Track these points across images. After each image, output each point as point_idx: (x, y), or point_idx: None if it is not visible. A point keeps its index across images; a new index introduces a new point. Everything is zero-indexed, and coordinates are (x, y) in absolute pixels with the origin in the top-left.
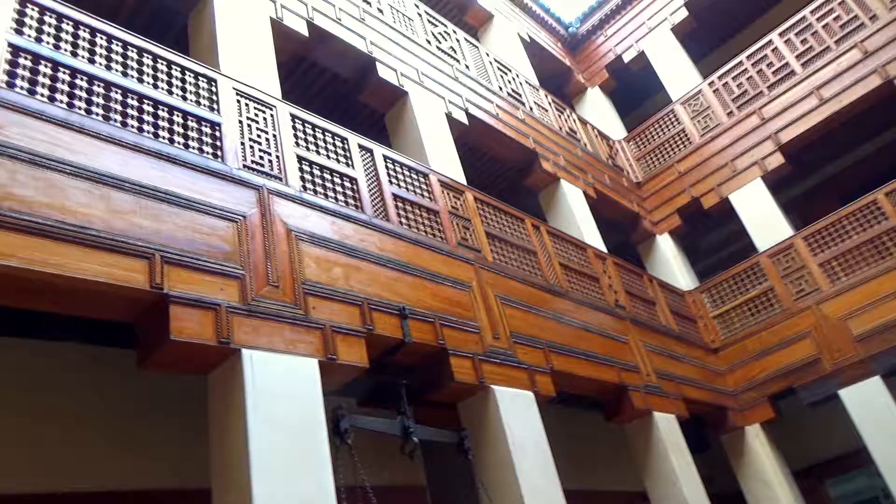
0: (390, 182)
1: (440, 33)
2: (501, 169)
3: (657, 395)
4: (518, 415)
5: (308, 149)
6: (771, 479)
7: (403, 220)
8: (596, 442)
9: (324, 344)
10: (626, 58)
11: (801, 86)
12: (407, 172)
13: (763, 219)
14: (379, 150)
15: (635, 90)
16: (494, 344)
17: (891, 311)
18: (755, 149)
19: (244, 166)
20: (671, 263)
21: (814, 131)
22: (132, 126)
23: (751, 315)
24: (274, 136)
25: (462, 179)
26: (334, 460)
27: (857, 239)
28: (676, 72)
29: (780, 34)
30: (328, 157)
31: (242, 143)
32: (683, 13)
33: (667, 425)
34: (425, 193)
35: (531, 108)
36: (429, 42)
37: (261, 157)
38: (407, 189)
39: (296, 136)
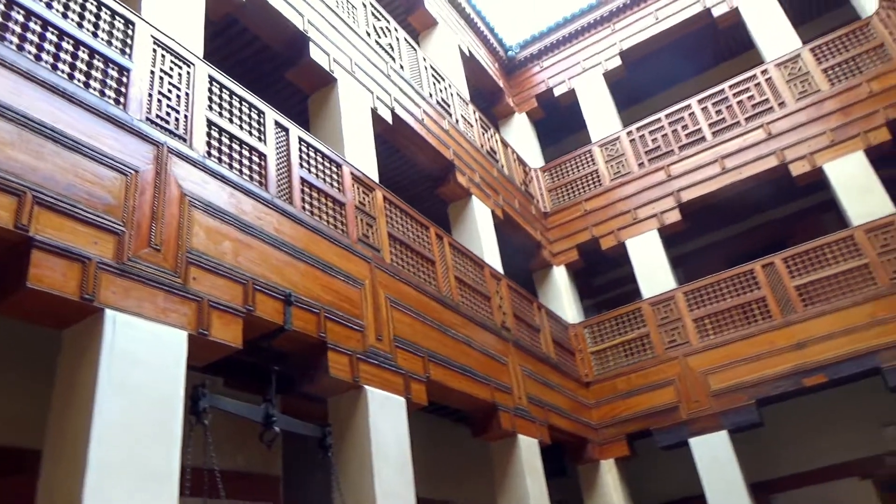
0: (301, 165)
1: (381, 28)
2: (416, 174)
3: (525, 419)
4: (386, 418)
5: (221, 115)
6: None
7: (307, 206)
8: (462, 455)
9: (198, 317)
10: (557, 91)
11: (709, 152)
12: (320, 159)
13: (652, 268)
14: (295, 131)
15: (559, 124)
16: (376, 345)
17: (745, 374)
18: (657, 202)
19: (147, 119)
20: (562, 295)
21: (712, 196)
22: (29, 53)
23: (625, 356)
24: (187, 94)
25: (375, 176)
26: (186, 438)
27: (731, 302)
28: (600, 115)
29: (699, 101)
30: (241, 127)
31: (150, 95)
32: (617, 62)
33: (529, 448)
34: (335, 183)
35: (457, 121)
36: (368, 34)
37: (167, 113)
38: (317, 175)
39: (210, 98)
